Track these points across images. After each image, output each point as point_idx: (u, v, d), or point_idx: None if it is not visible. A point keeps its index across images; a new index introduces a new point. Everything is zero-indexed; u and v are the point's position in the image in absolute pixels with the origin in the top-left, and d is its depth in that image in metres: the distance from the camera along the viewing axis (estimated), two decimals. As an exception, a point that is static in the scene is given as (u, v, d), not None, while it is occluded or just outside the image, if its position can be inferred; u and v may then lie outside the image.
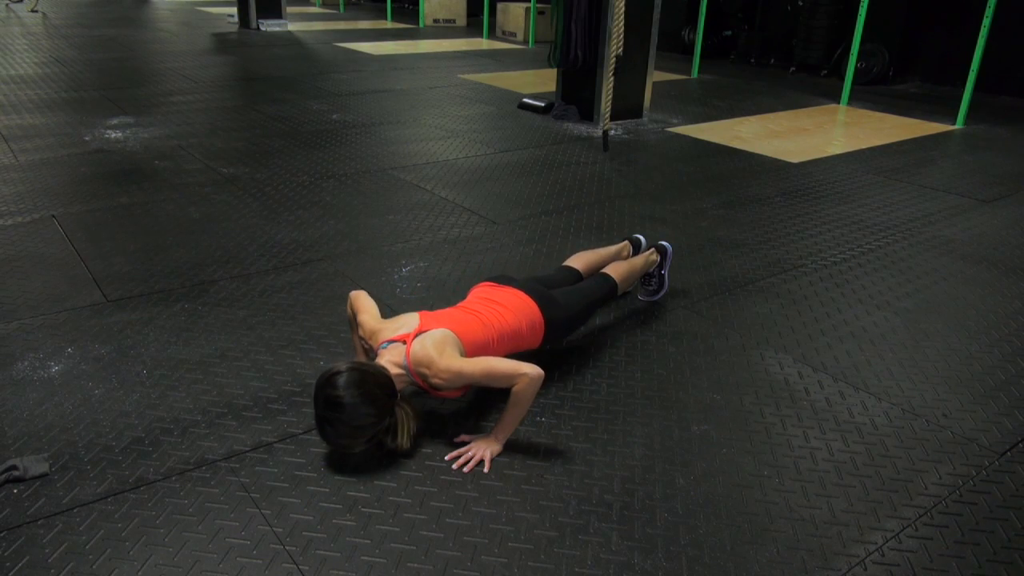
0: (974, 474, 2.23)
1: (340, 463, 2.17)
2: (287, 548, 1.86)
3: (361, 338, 2.43)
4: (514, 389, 2.15)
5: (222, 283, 3.23)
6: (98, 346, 2.71)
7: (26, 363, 2.59)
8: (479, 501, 2.05)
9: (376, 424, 2.09)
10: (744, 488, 2.13)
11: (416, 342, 2.22)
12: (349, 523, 1.95)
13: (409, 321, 2.31)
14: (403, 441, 2.16)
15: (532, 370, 2.15)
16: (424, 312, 2.36)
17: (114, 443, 2.20)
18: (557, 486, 2.11)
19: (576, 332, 2.92)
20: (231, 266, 3.39)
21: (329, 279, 3.30)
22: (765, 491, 2.12)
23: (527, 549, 1.89)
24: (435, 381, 2.18)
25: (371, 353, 2.42)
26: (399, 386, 2.19)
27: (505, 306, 2.47)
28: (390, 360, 2.22)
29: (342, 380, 2.04)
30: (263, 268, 3.38)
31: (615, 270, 2.94)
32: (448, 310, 2.43)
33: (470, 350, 2.28)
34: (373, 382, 2.09)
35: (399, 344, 2.25)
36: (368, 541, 1.90)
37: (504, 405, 2.21)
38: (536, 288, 2.60)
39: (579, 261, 3.01)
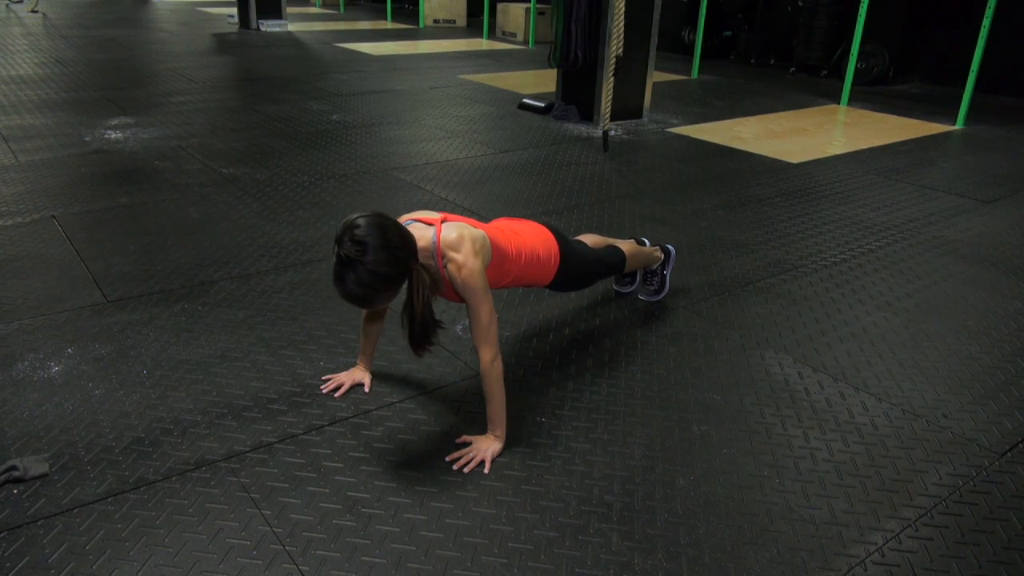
0: (974, 474, 2.23)
1: (340, 464, 2.17)
2: (287, 548, 1.86)
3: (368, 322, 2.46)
4: (483, 375, 2.15)
5: (222, 283, 3.23)
6: (98, 346, 2.71)
7: (26, 363, 2.59)
8: (479, 501, 2.05)
9: (394, 277, 2.03)
10: (744, 488, 2.13)
11: (448, 226, 2.16)
12: (349, 523, 1.95)
13: (431, 214, 2.25)
14: (419, 305, 2.08)
15: (499, 357, 2.16)
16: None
17: (114, 443, 2.20)
18: (557, 486, 2.11)
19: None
20: (231, 266, 3.39)
21: (329, 280, 3.29)
22: (765, 491, 2.12)
23: (527, 549, 1.89)
24: (452, 269, 2.12)
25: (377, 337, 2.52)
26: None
27: (525, 232, 2.50)
28: (415, 234, 2.14)
29: (366, 222, 2.00)
30: (263, 268, 3.38)
31: (623, 245, 3.01)
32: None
33: (495, 256, 2.27)
34: (396, 232, 2.03)
35: (425, 225, 2.18)
36: (368, 541, 1.90)
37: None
38: (552, 225, 2.65)
39: (588, 239, 3.04)
